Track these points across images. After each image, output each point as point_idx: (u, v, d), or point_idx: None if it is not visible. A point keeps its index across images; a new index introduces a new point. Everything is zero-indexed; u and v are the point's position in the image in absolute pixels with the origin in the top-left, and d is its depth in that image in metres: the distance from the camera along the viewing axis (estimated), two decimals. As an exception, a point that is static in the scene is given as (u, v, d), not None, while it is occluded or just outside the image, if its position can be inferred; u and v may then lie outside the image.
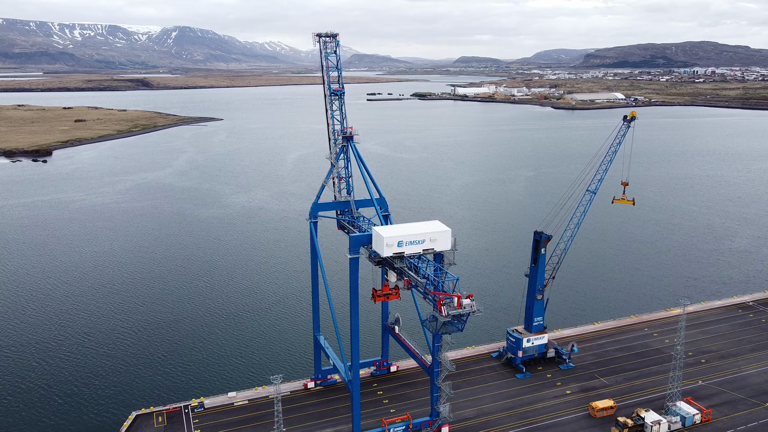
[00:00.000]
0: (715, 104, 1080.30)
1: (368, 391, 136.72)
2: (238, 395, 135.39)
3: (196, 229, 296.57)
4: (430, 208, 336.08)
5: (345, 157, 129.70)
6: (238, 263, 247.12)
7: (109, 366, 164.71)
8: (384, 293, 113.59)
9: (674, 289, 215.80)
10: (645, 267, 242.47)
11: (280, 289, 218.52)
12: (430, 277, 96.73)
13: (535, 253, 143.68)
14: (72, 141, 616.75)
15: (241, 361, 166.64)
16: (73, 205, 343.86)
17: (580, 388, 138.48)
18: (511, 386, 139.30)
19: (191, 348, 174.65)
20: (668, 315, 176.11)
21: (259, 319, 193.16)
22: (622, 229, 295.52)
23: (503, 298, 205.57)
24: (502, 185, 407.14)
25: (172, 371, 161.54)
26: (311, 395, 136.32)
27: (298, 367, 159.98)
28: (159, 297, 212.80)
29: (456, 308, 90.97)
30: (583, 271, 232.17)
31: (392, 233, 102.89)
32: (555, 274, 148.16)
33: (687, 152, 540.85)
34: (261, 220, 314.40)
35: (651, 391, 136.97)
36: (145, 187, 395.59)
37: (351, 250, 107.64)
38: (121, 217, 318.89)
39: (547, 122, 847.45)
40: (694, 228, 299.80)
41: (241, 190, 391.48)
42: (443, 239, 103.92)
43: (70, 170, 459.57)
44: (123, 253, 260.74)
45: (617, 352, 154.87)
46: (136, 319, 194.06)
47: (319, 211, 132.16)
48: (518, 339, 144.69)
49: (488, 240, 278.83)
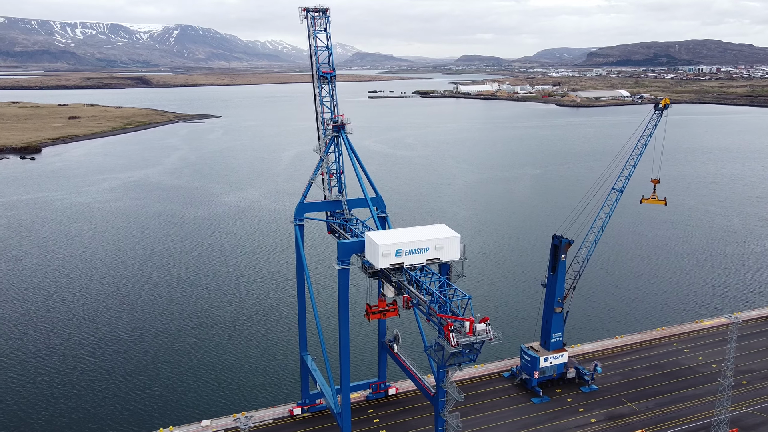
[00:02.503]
0: (723, 102, 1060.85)
1: (363, 419, 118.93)
2: (213, 424, 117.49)
3: (179, 232, 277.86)
4: (431, 208, 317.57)
5: (336, 150, 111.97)
6: (221, 270, 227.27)
7: (64, 389, 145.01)
8: (380, 310, 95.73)
9: (701, 298, 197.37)
10: (668, 273, 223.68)
11: (266, 301, 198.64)
12: (435, 295, 78.59)
13: (553, 260, 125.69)
14: (63, 138, 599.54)
15: (217, 384, 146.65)
16: (53, 205, 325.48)
17: (606, 415, 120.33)
18: (526, 413, 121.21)
19: (159, 367, 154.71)
20: (699, 327, 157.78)
21: (240, 335, 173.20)
22: (639, 231, 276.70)
23: (516, 311, 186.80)
24: (507, 184, 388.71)
25: (135, 396, 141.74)
26: (297, 424, 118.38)
27: (283, 390, 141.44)
28: (125, 309, 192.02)
29: (468, 335, 72.92)
30: (602, 278, 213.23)
31: (389, 240, 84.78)
32: (576, 284, 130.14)
33: (697, 149, 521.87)
34: (250, 222, 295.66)
35: (688, 420, 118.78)
36: (131, 186, 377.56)
37: (339, 259, 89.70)
38: (100, 219, 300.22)
39: (551, 120, 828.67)
40: (713, 230, 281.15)
41: (232, 189, 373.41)
42: (451, 247, 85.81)
43: (57, 168, 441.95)
44: (94, 259, 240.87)
45: (645, 371, 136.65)
46: (97, 335, 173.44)
47: (305, 212, 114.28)
48: (534, 358, 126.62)
49: (496, 244, 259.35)
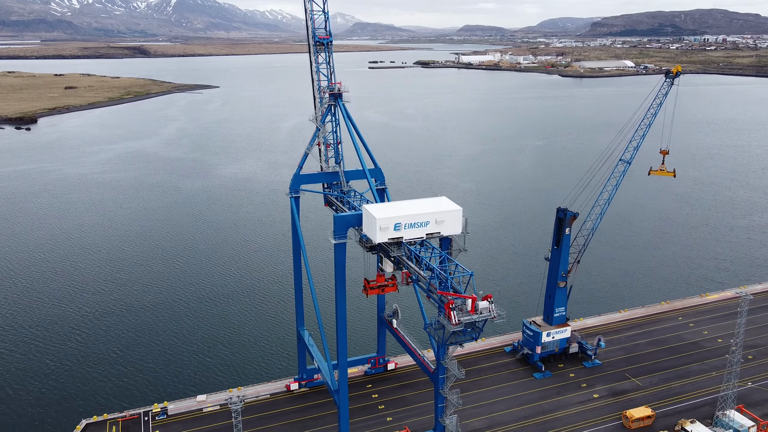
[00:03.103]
0: (728, 72, 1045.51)
1: (361, 394, 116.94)
2: (209, 399, 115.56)
3: (175, 204, 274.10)
4: (431, 180, 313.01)
5: (333, 120, 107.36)
6: (217, 243, 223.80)
7: (56, 365, 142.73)
8: (378, 285, 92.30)
9: (706, 272, 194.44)
10: (672, 246, 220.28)
11: (263, 274, 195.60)
12: (436, 270, 75.09)
13: (557, 233, 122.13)
14: (60, 108, 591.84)
15: (213, 359, 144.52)
16: (48, 177, 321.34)
17: (609, 391, 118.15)
18: (528, 388, 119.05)
19: (153, 342, 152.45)
20: (704, 301, 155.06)
21: (237, 309, 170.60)
22: (643, 203, 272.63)
23: (518, 285, 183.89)
24: (510, 156, 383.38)
25: (132, 371, 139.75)
26: (294, 399, 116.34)
27: (280, 366, 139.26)
28: (120, 282, 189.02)
29: (470, 313, 69.62)
30: (605, 251, 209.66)
31: (387, 213, 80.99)
32: (580, 258, 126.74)
33: (702, 121, 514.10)
34: (247, 194, 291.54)
35: (693, 395, 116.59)
36: (127, 158, 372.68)
37: (336, 233, 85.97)
38: (96, 190, 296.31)
39: (554, 90, 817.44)
40: (717, 202, 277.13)
41: (230, 160, 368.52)
42: (452, 221, 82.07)
43: (52, 139, 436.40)
44: (89, 231, 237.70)
45: (649, 346, 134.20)
46: (90, 309, 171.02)
47: (301, 184, 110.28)
48: (536, 333, 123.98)
49: (498, 217, 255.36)
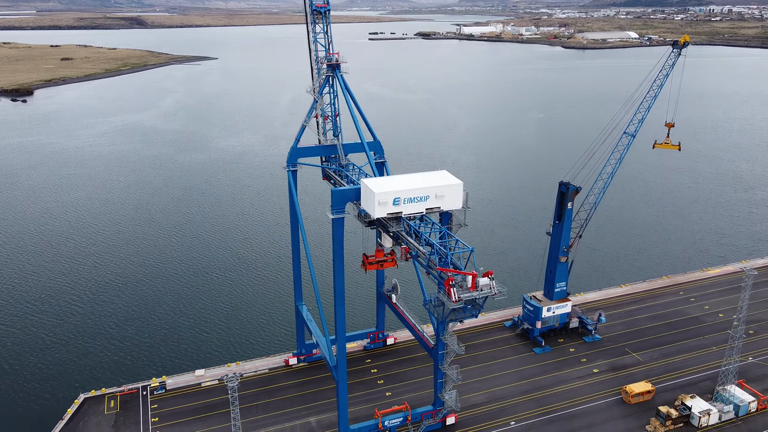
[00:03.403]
0: (733, 44, 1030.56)
1: (360, 369, 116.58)
2: (207, 373, 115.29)
3: (173, 178, 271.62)
4: (432, 154, 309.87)
5: (331, 91, 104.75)
6: (215, 217, 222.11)
7: (54, 339, 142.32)
8: (377, 260, 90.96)
9: (708, 246, 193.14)
10: (674, 221, 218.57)
11: (262, 249, 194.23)
12: (436, 246, 73.49)
13: (560, 208, 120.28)
14: (56, 80, 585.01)
15: (211, 334, 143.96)
16: (45, 149, 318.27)
17: (609, 366, 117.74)
18: (527, 363, 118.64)
19: (153, 318, 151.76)
20: (705, 276, 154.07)
21: (235, 284, 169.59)
22: (645, 178, 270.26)
23: (519, 260, 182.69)
24: (511, 129, 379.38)
25: (130, 345, 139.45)
26: (293, 374, 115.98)
27: (279, 340, 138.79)
28: (117, 256, 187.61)
29: (470, 290, 68.20)
30: (606, 226, 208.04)
31: (386, 187, 79.10)
32: (582, 233, 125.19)
33: (706, 93, 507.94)
34: (245, 167, 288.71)
35: (693, 370, 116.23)
36: (124, 130, 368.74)
37: (333, 208, 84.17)
38: (93, 164, 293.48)
39: (556, 62, 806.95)
40: (720, 176, 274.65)
41: (228, 133, 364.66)
42: (453, 195, 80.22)
43: (49, 111, 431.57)
44: (85, 205, 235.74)
45: (650, 320, 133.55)
46: (88, 283, 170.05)
47: (299, 158, 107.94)
48: (537, 308, 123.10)
49: (499, 192, 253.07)
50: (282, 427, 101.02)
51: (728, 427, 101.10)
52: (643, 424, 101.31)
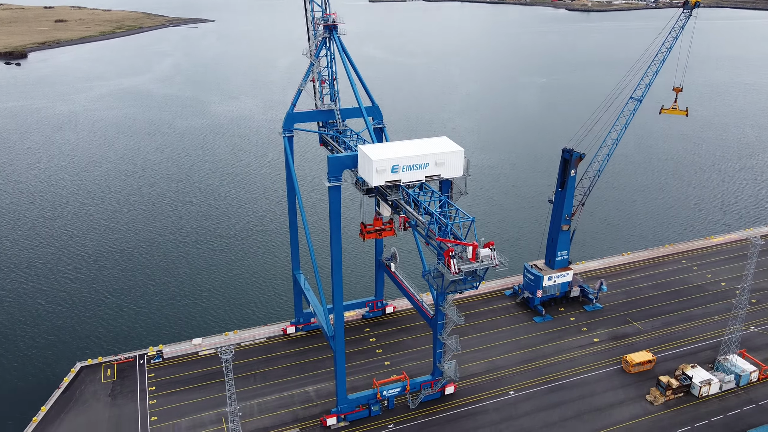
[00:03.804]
0: (742, 6, 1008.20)
1: (358, 338, 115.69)
2: (204, 342, 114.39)
3: (169, 143, 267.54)
4: (432, 119, 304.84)
5: (328, 54, 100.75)
6: (212, 184, 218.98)
7: (50, 308, 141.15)
8: (375, 229, 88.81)
9: (712, 214, 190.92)
10: (677, 188, 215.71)
11: (259, 216, 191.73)
12: (435, 215, 71.06)
13: (562, 175, 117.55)
14: (50, 43, 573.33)
15: (208, 302, 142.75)
16: (39, 114, 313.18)
17: (609, 335, 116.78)
18: (528, 332, 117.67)
19: (150, 286, 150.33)
20: (709, 244, 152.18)
21: (233, 252, 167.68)
22: (648, 144, 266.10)
23: (520, 228, 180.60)
24: (513, 93, 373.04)
25: (127, 314, 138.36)
26: (291, 342, 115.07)
27: (276, 309, 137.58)
28: (113, 223, 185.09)
29: (470, 261, 66.06)
30: (608, 193, 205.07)
31: (384, 154, 76.27)
32: (585, 201, 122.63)
33: (711, 57, 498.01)
34: (242, 133, 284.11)
35: (694, 340, 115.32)
36: (119, 95, 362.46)
37: (330, 175, 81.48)
38: (87, 129, 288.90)
39: (560, 25, 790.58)
40: (725, 142, 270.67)
41: (225, 97, 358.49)
42: (453, 162, 77.46)
43: (43, 75, 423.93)
44: (79, 171, 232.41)
45: (651, 289, 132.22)
46: (83, 251, 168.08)
47: (295, 123, 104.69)
48: (538, 276, 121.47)
49: (501, 159, 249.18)
50: (280, 396, 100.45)
51: (729, 397, 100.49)
52: (643, 394, 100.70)
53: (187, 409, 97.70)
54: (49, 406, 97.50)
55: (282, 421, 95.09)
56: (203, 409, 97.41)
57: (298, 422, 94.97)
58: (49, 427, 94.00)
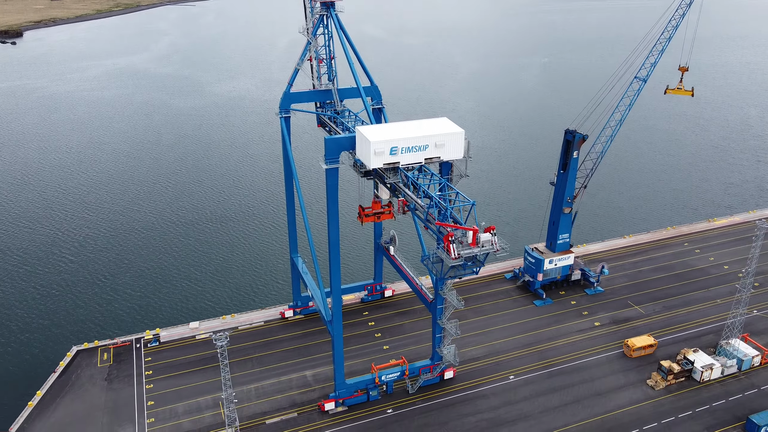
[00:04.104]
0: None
1: (357, 322, 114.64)
2: (202, 326, 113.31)
3: (166, 124, 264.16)
4: (432, 100, 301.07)
5: (325, 32, 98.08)
6: (209, 165, 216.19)
7: (45, 291, 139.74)
8: (373, 212, 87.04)
9: (714, 196, 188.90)
10: (680, 170, 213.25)
11: (258, 198, 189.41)
12: (435, 199, 69.20)
13: (565, 157, 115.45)
14: (46, 21, 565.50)
15: (206, 286, 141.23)
16: (34, 94, 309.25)
17: (611, 318, 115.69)
18: (528, 316, 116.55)
19: (147, 269, 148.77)
20: (711, 227, 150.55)
21: (230, 234, 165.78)
22: (651, 125, 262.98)
23: (520, 211, 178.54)
24: (514, 73, 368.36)
25: (123, 297, 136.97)
26: (289, 326, 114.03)
27: (274, 292, 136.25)
28: (109, 205, 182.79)
29: (470, 246, 64.35)
30: (610, 175, 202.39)
31: (383, 136, 74.17)
32: (587, 183, 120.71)
33: (714, 36, 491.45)
34: (241, 113, 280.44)
35: (696, 324, 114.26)
36: (116, 74, 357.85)
37: (327, 157, 79.42)
38: (83, 109, 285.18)
39: (562, 3, 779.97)
40: (728, 123, 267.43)
41: (223, 77, 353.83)
42: (454, 144, 75.39)
43: (39, 54, 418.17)
44: (74, 152, 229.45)
45: (653, 272, 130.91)
46: (79, 233, 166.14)
47: (292, 103, 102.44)
48: (539, 260, 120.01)
49: (502, 140, 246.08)
50: (277, 380, 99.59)
51: (731, 382, 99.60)
52: (644, 379, 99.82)
53: (183, 394, 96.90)
54: (45, 390, 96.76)
55: (280, 406, 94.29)
56: (200, 394, 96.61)
57: (296, 407, 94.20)
58: (44, 411, 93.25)
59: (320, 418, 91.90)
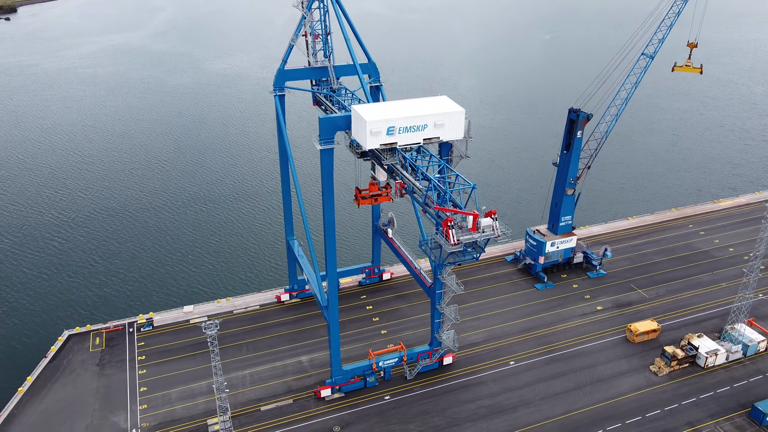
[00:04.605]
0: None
1: (354, 306, 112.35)
2: (196, 310, 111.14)
3: (161, 102, 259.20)
4: (431, 77, 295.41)
5: (321, 6, 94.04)
6: (204, 145, 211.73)
7: (36, 274, 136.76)
8: (370, 194, 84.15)
9: (719, 177, 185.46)
10: (684, 150, 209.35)
11: (254, 180, 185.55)
12: (433, 182, 66.10)
13: (568, 136, 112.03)
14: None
15: (201, 269, 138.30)
16: (28, 71, 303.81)
17: (613, 302, 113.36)
18: (529, 300, 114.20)
19: (140, 252, 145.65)
20: (716, 208, 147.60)
21: (225, 216, 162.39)
22: (654, 104, 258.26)
23: (522, 192, 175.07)
24: (515, 49, 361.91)
25: (116, 281, 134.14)
26: (285, 310, 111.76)
27: (270, 275, 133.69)
28: (101, 186, 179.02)
29: (470, 232, 61.45)
30: (613, 155, 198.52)
31: (379, 115, 70.82)
32: (591, 163, 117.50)
33: (720, 12, 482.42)
34: (237, 91, 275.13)
35: (701, 308, 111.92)
36: (111, 51, 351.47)
37: (321, 137, 76.14)
38: (78, 86, 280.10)
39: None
40: (733, 101, 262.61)
41: (220, 54, 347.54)
42: (454, 124, 72.07)
43: (33, 30, 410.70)
44: (67, 131, 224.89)
45: (657, 255, 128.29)
46: (71, 215, 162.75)
47: (286, 81, 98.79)
48: (540, 242, 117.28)
49: (503, 119, 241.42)
50: (272, 366, 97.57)
51: (736, 368, 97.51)
52: (647, 365, 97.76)
53: (177, 380, 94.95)
54: (36, 376, 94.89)
55: (275, 393, 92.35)
56: (194, 380, 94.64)
57: (292, 393, 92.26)
58: (35, 397, 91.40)
59: (316, 405, 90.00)
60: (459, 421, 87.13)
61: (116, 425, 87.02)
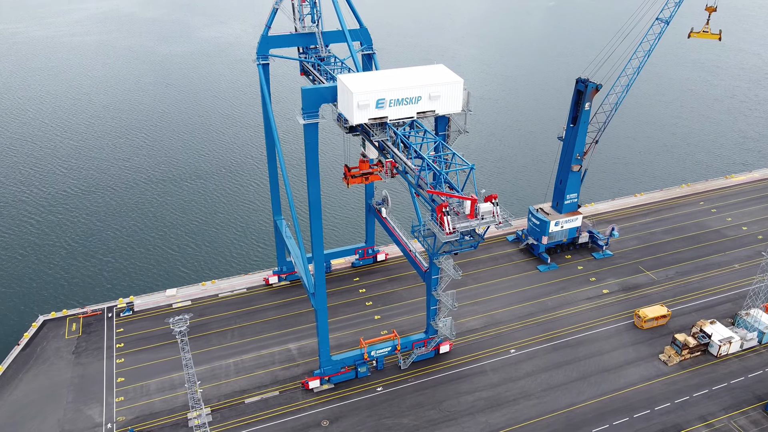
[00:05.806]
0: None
1: (347, 289, 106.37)
2: (179, 293, 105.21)
3: (149, 71, 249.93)
4: (428, 45, 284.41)
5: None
6: (191, 118, 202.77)
7: (8, 256, 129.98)
8: (361, 173, 77.31)
9: (731, 151, 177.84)
10: (694, 123, 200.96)
11: (242, 156, 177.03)
12: (427, 161, 59.02)
13: (575, 109, 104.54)
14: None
15: (184, 250, 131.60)
16: (12, 39, 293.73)
17: (620, 285, 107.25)
18: (531, 283, 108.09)
19: (120, 232, 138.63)
20: (728, 184, 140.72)
21: (211, 194, 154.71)
22: (663, 73, 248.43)
23: (524, 168, 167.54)
24: (518, 16, 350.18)
25: (94, 263, 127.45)
26: (273, 293, 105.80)
27: (257, 257, 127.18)
28: (81, 161, 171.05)
29: (468, 218, 54.76)
30: (620, 128, 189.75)
31: (368, 85, 63.45)
32: (599, 138, 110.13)
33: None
34: (229, 61, 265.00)
35: (713, 291, 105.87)
36: (99, 18, 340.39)
37: (305, 111, 68.92)
38: (64, 55, 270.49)
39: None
40: (744, 71, 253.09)
41: (212, 22, 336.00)
42: (451, 95, 64.75)
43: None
44: (52, 101, 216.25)
45: (666, 234, 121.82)
46: (47, 193, 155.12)
47: (271, 48, 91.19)
48: (544, 222, 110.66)
49: (504, 90, 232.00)
50: (258, 354, 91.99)
51: (750, 356, 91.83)
52: (656, 353, 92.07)
53: (156, 369, 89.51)
54: (7, 365, 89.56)
55: (260, 383, 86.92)
56: (175, 369, 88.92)
57: (278, 384, 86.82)
58: (5, 388, 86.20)
59: (304, 397, 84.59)
60: (456, 415, 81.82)
61: (90, 419, 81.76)
